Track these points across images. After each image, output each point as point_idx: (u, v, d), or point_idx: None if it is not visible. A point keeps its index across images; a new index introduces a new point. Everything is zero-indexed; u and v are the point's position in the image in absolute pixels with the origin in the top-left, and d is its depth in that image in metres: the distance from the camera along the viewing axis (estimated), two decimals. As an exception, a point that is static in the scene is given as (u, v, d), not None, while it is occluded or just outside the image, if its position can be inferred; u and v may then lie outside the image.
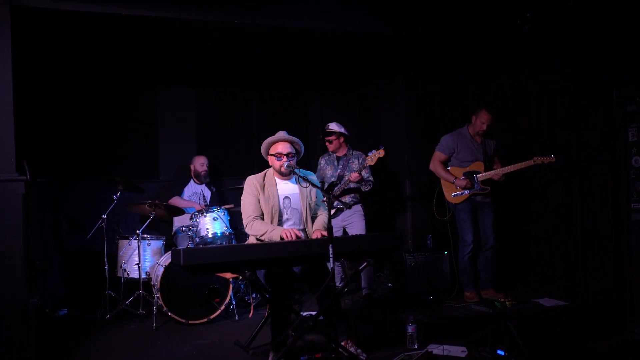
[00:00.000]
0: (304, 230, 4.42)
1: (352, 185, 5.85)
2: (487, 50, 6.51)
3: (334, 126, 6.12)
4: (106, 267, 5.73)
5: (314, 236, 4.27)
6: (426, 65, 6.99)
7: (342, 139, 6.12)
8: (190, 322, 5.28)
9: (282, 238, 4.02)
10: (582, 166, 5.98)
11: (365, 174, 5.83)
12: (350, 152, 6.15)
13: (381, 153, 5.60)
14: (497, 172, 5.72)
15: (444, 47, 6.35)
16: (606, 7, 5.21)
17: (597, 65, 5.78)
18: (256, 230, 4.22)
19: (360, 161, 6.02)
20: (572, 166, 6.03)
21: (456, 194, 5.85)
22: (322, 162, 6.31)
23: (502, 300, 5.60)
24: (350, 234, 5.87)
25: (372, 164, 5.66)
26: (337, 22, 5.35)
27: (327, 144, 6.15)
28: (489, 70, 7.20)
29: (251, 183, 4.36)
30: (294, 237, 4.01)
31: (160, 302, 5.27)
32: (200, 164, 6.66)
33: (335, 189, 5.93)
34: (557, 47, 6.16)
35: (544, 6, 5.25)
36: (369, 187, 5.95)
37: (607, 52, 5.65)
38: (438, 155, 6.00)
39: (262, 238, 4.18)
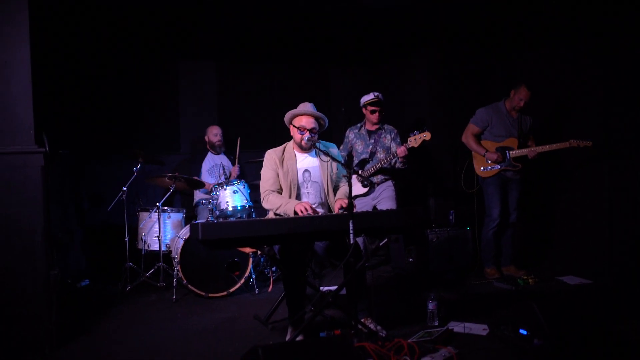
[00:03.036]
0: (324, 203, 4.36)
1: (385, 165, 5.60)
2: (513, 26, 6.31)
3: (381, 96, 5.73)
4: (127, 239, 5.76)
5: (336, 205, 4.20)
6: (450, 40, 6.82)
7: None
8: (209, 295, 5.30)
9: (296, 213, 3.97)
10: (611, 145, 5.80)
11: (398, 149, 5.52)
12: (382, 127, 5.82)
13: (427, 136, 5.25)
14: (531, 151, 5.57)
15: (468, 21, 6.16)
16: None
17: (628, 43, 5.56)
18: (271, 203, 4.18)
19: (392, 136, 5.74)
20: (601, 145, 5.85)
21: (486, 168, 5.74)
22: (350, 135, 5.93)
23: (525, 277, 5.52)
24: (380, 208, 5.63)
25: (416, 146, 5.32)
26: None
27: (371, 114, 5.72)
28: (515, 46, 6.96)
29: (270, 157, 4.30)
30: (309, 212, 3.94)
31: (180, 274, 5.28)
32: (213, 134, 6.62)
33: (368, 166, 5.69)
34: (586, 23, 5.91)
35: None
36: (405, 166, 5.64)
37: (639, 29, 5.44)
38: (471, 128, 5.87)
39: (277, 212, 4.13)
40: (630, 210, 5.61)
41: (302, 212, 3.94)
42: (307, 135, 4.20)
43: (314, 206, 4.10)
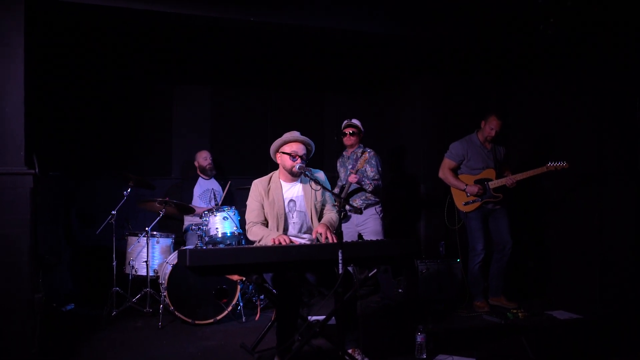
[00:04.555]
0: (310, 232, 4.34)
1: (354, 186, 5.71)
2: (509, 55, 6.39)
3: (356, 121, 6.03)
4: (114, 263, 5.69)
5: (315, 230, 4.13)
6: (445, 68, 6.87)
7: (361, 136, 6.04)
8: (196, 322, 5.23)
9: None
10: (603, 175, 5.82)
11: (371, 173, 5.72)
12: (359, 150, 6.01)
13: (365, 156, 5.50)
14: (510, 179, 5.60)
15: (464, 50, 6.23)
16: (633, 12, 5.09)
17: (621, 72, 5.63)
18: (254, 235, 4.17)
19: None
20: (592, 175, 5.88)
21: (467, 202, 5.74)
22: (337, 164, 6.20)
23: (515, 311, 5.49)
24: (365, 239, 5.68)
25: (361, 167, 5.58)
26: (355, 22, 5.27)
27: (345, 137, 6.03)
28: (510, 74, 7.06)
29: (255, 188, 4.29)
30: (287, 243, 3.92)
31: (167, 300, 5.22)
32: (203, 158, 6.63)
33: (344, 192, 5.75)
34: (580, 52, 6.00)
35: (568, 11, 5.14)
36: (371, 188, 5.79)
37: (632, 58, 5.51)
38: (448, 163, 5.89)
39: (260, 243, 4.10)
40: (623, 240, 5.61)
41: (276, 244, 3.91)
42: (299, 162, 4.19)
43: (300, 235, 4.08)
